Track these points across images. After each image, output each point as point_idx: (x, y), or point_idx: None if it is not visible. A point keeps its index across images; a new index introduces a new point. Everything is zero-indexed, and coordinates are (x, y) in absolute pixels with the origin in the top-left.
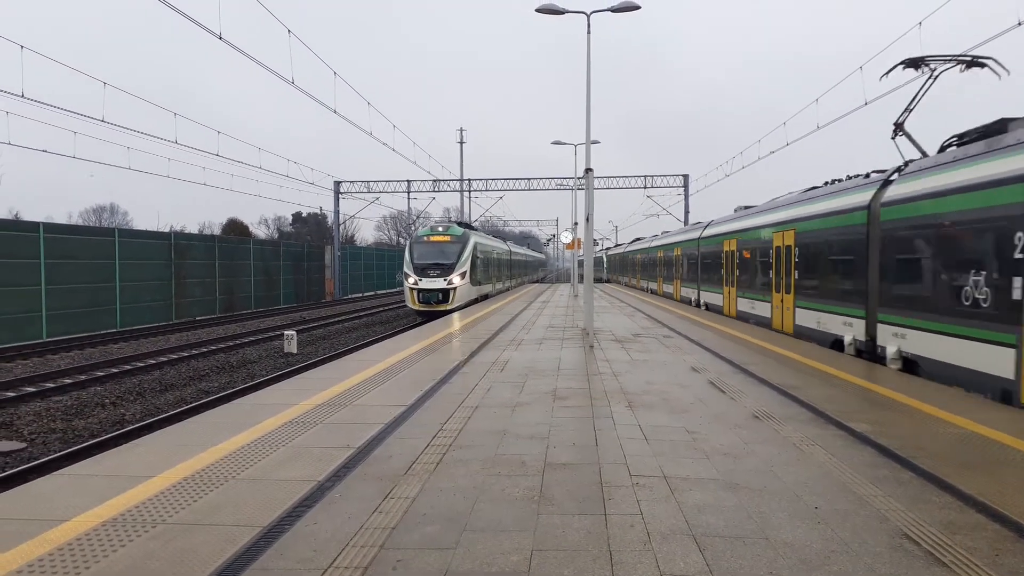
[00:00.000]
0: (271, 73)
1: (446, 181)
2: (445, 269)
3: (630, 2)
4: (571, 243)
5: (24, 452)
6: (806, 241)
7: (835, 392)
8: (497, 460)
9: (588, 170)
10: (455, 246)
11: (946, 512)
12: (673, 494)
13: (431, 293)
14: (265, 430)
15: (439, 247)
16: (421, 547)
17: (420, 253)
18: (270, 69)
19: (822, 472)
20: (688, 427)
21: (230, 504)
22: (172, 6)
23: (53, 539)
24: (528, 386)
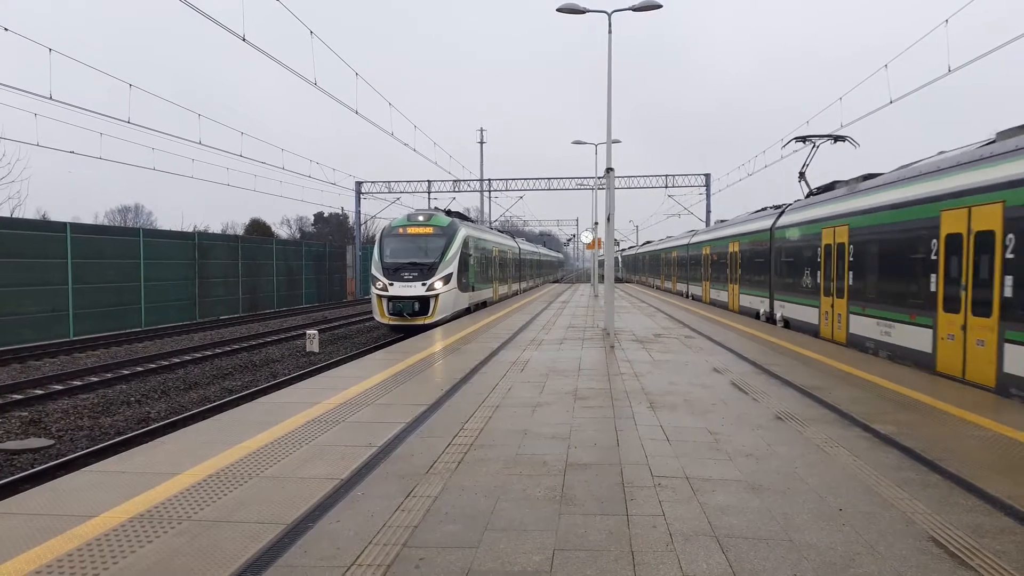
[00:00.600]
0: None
1: (466, 181)
2: (424, 270)
3: (652, 1)
4: (591, 243)
5: (52, 449)
6: (743, 249)
7: (859, 393)
8: (518, 460)
9: (609, 169)
10: (439, 240)
11: (973, 515)
12: (696, 495)
13: (405, 302)
14: (288, 428)
15: (417, 242)
16: (443, 546)
17: (393, 249)
18: (293, 70)
19: (846, 474)
20: (710, 428)
21: (254, 501)
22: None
23: (81, 534)
24: (549, 386)
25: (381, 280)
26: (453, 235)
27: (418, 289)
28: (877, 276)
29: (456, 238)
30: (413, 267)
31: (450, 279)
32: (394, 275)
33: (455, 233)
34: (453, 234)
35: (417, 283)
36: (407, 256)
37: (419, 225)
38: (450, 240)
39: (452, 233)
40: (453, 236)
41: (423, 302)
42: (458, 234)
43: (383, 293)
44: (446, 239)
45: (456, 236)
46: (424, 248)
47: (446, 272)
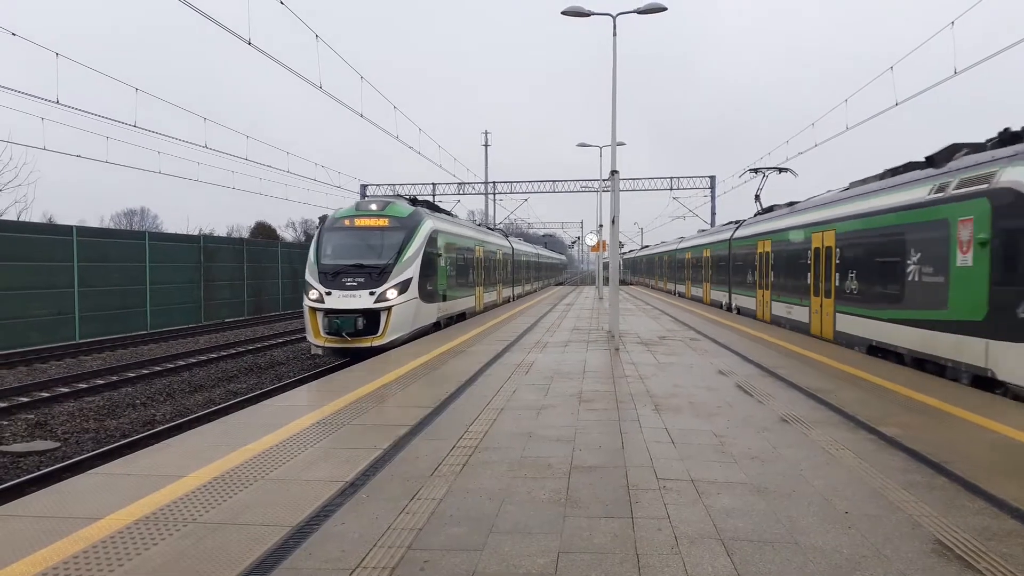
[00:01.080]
0: (299, 78)
1: (471, 184)
2: (374, 275)
3: (657, 3)
4: (596, 245)
5: (58, 451)
6: (712, 255)
7: (865, 396)
8: (523, 462)
9: (614, 172)
10: (395, 235)
11: (980, 518)
12: (701, 498)
13: (345, 318)
14: (293, 431)
15: (367, 237)
16: (448, 548)
17: (335, 247)
18: (298, 74)
19: (852, 476)
20: (715, 430)
21: (259, 504)
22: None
23: (87, 537)
24: (553, 388)
25: (316, 288)
26: (415, 229)
27: (364, 300)
28: (785, 276)
29: (419, 233)
30: (359, 271)
31: (408, 286)
32: (333, 281)
33: (417, 226)
34: (415, 228)
35: (363, 291)
36: (352, 256)
37: (369, 215)
38: (410, 235)
39: (413, 226)
40: (415, 230)
41: (370, 317)
42: (421, 228)
43: (317, 305)
44: (405, 234)
45: (419, 230)
46: (375, 246)
47: (403, 277)
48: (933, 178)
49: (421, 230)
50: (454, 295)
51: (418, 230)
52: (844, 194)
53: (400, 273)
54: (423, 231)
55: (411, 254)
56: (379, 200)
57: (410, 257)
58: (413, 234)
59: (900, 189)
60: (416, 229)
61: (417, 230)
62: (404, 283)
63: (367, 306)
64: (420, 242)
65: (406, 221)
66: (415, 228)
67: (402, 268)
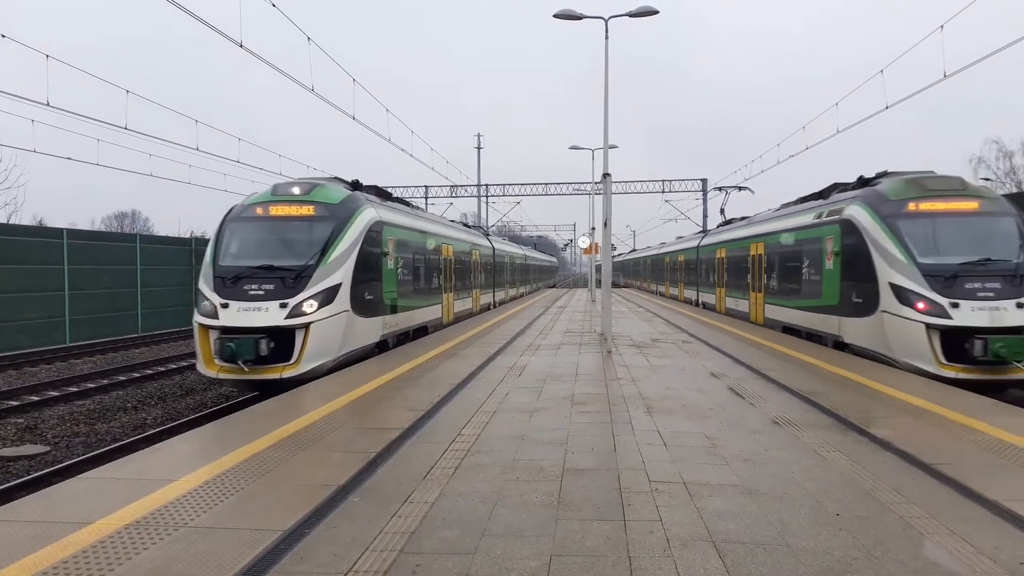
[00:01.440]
0: (291, 80)
1: (463, 187)
2: (288, 281)
3: (648, 7)
4: (588, 248)
5: (48, 456)
6: (685, 259)
7: (856, 398)
8: (515, 465)
9: (606, 175)
10: (322, 227)
11: (969, 520)
12: (693, 500)
13: (243, 340)
14: (285, 434)
15: (283, 230)
16: (440, 552)
17: (240, 244)
18: (290, 76)
19: (844, 478)
20: (707, 433)
21: (251, 508)
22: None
23: (76, 542)
24: (546, 391)
25: (208, 299)
26: (349, 219)
27: (272, 314)
28: (734, 276)
29: (353, 224)
30: (269, 275)
31: (336, 294)
32: (233, 289)
33: (352, 216)
34: (349, 217)
35: (271, 303)
36: (261, 255)
37: (289, 201)
38: (342, 227)
39: (347, 216)
40: (349, 221)
41: (280, 337)
42: (357, 218)
43: (209, 321)
44: (334, 225)
45: (354, 221)
46: (294, 241)
47: (328, 283)
48: (818, 208)
49: (357, 221)
50: (409, 304)
51: (353, 221)
52: (774, 213)
53: (325, 277)
54: (360, 222)
55: (341, 252)
56: (304, 182)
57: (340, 256)
58: (346, 226)
59: (800, 214)
60: (350, 220)
61: (352, 221)
62: (330, 291)
63: (275, 323)
64: (355, 236)
65: (337, 209)
66: (349, 218)
67: (328, 271)
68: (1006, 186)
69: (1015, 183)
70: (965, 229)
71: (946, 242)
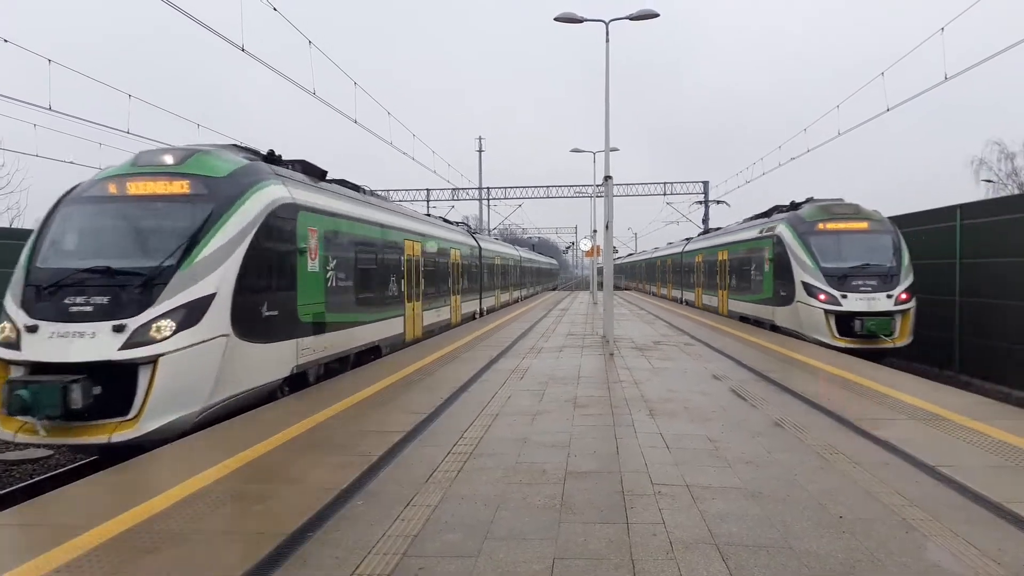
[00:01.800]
0: (293, 84)
1: (465, 189)
2: (130, 292)
3: (648, 10)
4: (590, 250)
5: (51, 459)
6: (672, 263)
7: (861, 400)
8: (518, 468)
9: (607, 178)
10: (195, 211)
11: (974, 522)
12: (695, 503)
13: (42, 388)
14: (287, 437)
15: (137, 215)
16: (443, 555)
17: (73, 237)
18: (291, 80)
19: (846, 481)
20: (710, 435)
21: (254, 511)
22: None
23: (80, 545)
24: (548, 394)
25: (11, 319)
26: (236, 200)
27: (99, 342)
28: (707, 277)
29: (243, 208)
30: (103, 282)
31: (205, 310)
32: (49, 304)
33: (243, 196)
34: (237, 198)
35: (100, 325)
36: (98, 253)
37: (152, 175)
38: (223, 212)
39: (235, 195)
40: (235, 203)
41: (111, 379)
42: (251, 199)
43: (8, 354)
44: (212, 209)
45: (244, 203)
46: (150, 232)
47: (193, 294)
48: (760, 224)
49: (251, 202)
50: (347, 319)
51: (244, 202)
52: (737, 226)
53: (189, 285)
54: (255, 204)
55: (219, 247)
56: (180, 150)
57: (216, 253)
58: (231, 209)
59: (750, 229)
60: (239, 200)
61: (241, 202)
62: (195, 305)
63: (103, 355)
64: (244, 224)
65: (223, 185)
66: (238, 198)
67: (194, 274)
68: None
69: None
70: (855, 242)
71: (841, 252)
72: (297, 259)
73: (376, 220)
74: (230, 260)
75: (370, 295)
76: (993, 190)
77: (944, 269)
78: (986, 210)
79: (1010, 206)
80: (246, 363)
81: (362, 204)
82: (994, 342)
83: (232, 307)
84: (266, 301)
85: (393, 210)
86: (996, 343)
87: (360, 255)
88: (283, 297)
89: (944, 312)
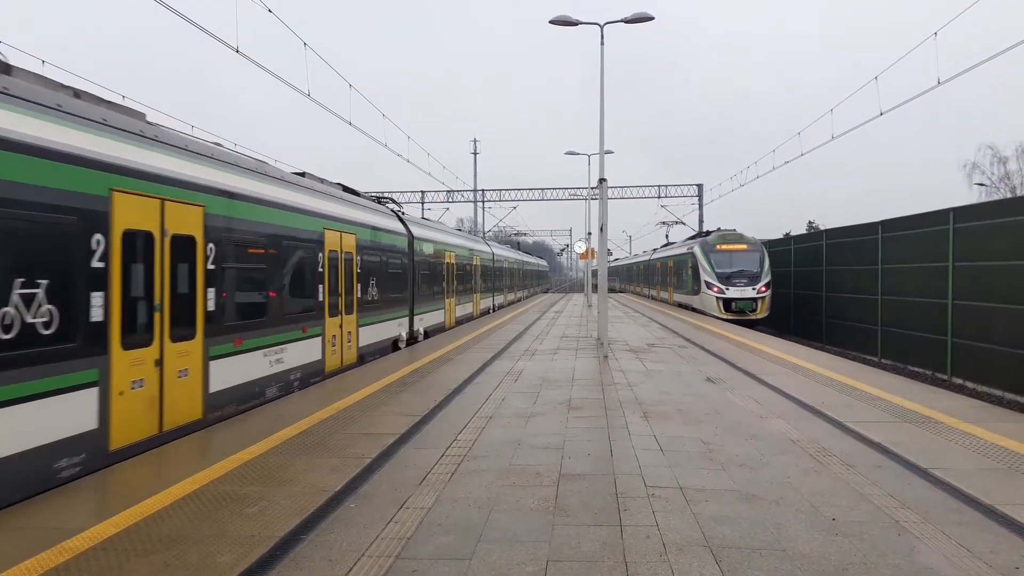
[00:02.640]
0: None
1: (460, 192)
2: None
3: (643, 13)
4: (584, 253)
5: None
6: (644, 268)
7: (853, 402)
8: (512, 470)
9: (602, 180)
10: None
11: (966, 525)
12: (689, 505)
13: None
14: (281, 439)
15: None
16: (436, 557)
17: (720, 263)
18: (286, 81)
19: (839, 483)
20: (704, 438)
21: (247, 513)
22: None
23: (73, 548)
24: (542, 396)
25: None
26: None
27: (750, 291)
28: (663, 279)
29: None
30: (741, 275)
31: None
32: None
33: None
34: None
35: (746, 288)
36: (732, 266)
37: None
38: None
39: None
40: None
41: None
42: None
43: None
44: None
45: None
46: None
47: (763, 280)
48: (688, 243)
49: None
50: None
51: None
52: (680, 243)
53: (766, 278)
54: None
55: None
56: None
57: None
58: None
59: (682, 246)
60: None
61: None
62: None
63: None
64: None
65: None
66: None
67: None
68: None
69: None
70: (736, 257)
71: (727, 263)
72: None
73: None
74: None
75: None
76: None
77: (813, 275)
78: (807, 238)
79: (808, 238)
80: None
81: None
82: (844, 322)
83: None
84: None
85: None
86: (844, 322)
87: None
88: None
89: (815, 303)
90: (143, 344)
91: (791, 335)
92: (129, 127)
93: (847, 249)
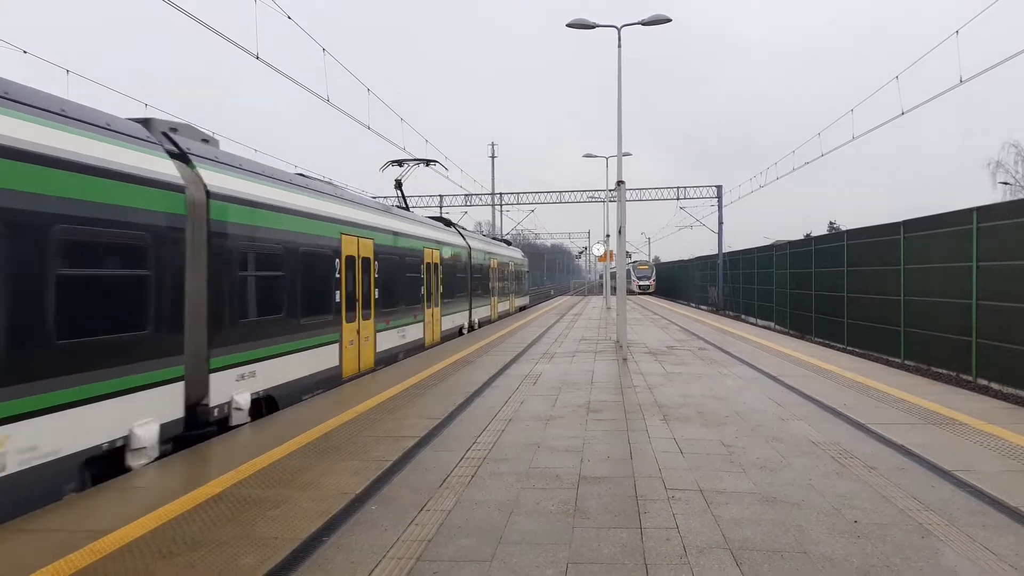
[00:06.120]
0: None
1: (478, 195)
2: None
3: (660, 15)
4: (603, 255)
5: None
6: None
7: (877, 404)
8: (531, 473)
9: (620, 182)
10: None
11: (991, 528)
12: (709, 508)
13: None
14: (299, 444)
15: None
16: (457, 560)
17: None
18: (305, 87)
19: (862, 485)
20: (724, 440)
21: (270, 517)
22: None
23: (100, 549)
24: (561, 399)
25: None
26: None
27: None
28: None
29: None
30: None
31: None
32: None
33: None
34: None
35: None
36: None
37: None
38: None
39: None
40: None
41: None
42: None
43: None
44: None
45: None
46: None
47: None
48: (634, 263)
49: None
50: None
51: None
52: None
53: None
54: None
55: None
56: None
57: None
58: None
59: (644, 264)
60: None
61: None
62: None
63: None
64: None
65: None
66: None
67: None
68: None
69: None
70: (643, 270)
71: (639, 272)
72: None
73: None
74: None
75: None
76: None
77: (835, 275)
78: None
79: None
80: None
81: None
82: (866, 323)
83: None
84: None
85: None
86: (866, 323)
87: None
88: None
89: (837, 304)
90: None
91: (812, 336)
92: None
93: (869, 250)
